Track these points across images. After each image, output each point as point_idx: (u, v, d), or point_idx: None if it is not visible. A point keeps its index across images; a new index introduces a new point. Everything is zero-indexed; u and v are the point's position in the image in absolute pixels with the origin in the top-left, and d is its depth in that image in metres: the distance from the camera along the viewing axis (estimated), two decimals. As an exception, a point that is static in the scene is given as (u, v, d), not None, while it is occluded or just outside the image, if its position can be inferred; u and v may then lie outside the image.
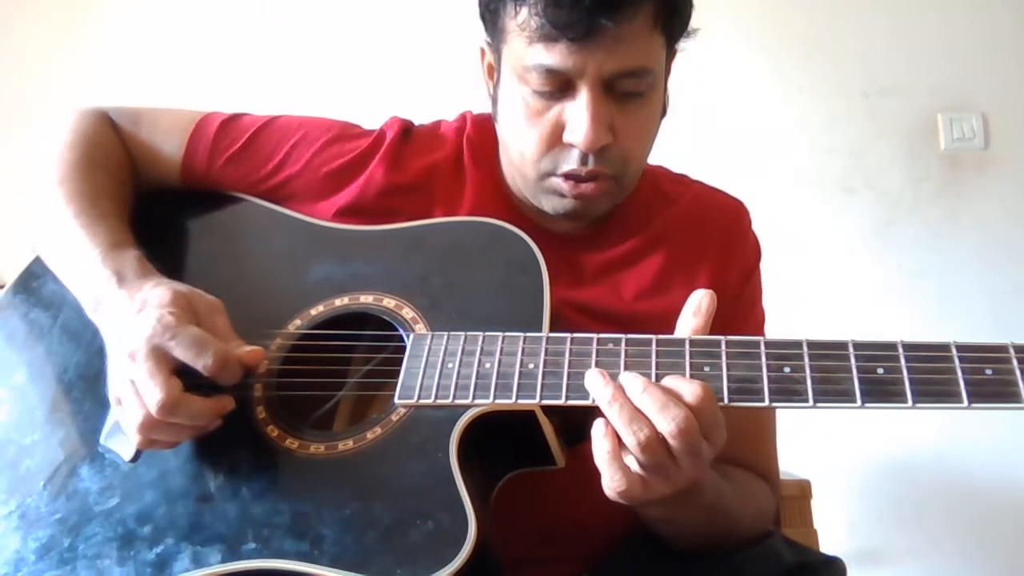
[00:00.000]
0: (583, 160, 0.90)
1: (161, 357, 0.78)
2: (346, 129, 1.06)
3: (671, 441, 0.69)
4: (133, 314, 0.81)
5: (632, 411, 0.70)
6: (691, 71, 2.14)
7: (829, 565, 0.91)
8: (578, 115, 0.88)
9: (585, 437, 0.83)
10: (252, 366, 0.83)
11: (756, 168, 2.20)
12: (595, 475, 0.73)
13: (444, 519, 0.72)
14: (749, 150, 2.23)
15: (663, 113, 0.98)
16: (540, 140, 0.91)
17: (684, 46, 0.98)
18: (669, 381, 0.72)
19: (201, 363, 0.78)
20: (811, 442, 1.76)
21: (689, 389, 0.70)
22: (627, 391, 0.71)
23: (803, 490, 1.52)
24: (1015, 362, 0.66)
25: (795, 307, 2.02)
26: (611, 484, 0.71)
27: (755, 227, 1.09)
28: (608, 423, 0.72)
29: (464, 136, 1.06)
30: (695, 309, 0.77)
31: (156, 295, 0.82)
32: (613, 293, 0.99)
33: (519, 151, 0.94)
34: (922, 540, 2.11)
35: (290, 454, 0.81)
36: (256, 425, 0.84)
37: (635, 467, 0.71)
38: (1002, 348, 0.67)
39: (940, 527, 2.11)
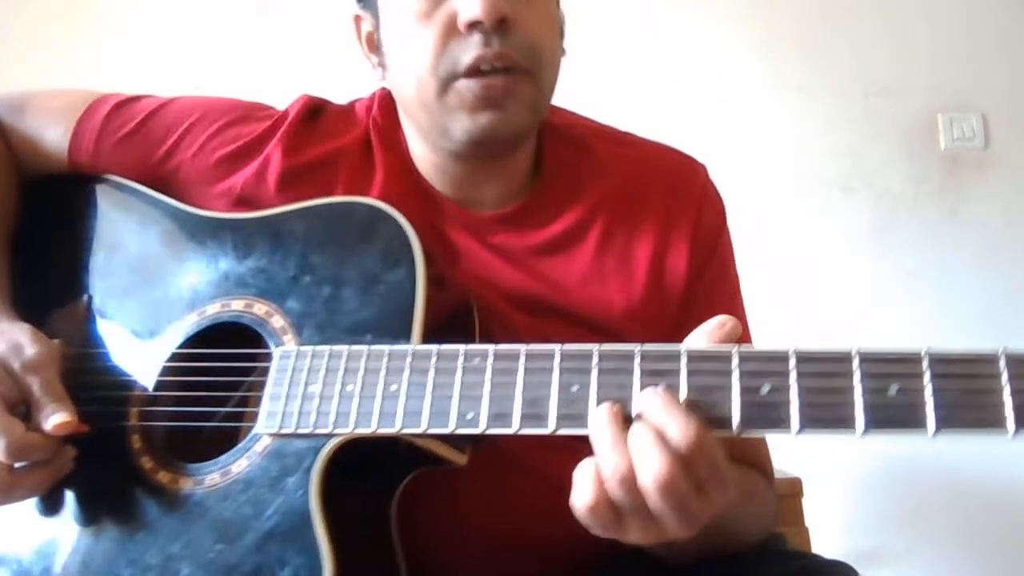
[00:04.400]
0: (486, 42, 0.80)
1: None
2: (251, 111, 0.95)
3: (652, 494, 0.57)
4: None
5: (613, 443, 0.59)
6: (690, 71, 2.17)
7: (836, 567, 0.82)
8: None
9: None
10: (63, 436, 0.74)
11: (755, 169, 2.17)
12: (565, 485, 0.61)
13: (300, 565, 0.65)
14: (748, 150, 2.21)
15: (561, 32, 0.90)
16: (434, 40, 0.82)
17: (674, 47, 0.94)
18: (659, 412, 0.58)
19: None
20: (805, 439, 1.74)
21: (679, 431, 0.57)
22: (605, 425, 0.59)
23: (794, 488, 1.48)
24: (928, 376, 0.53)
25: (794, 307, 2.03)
26: (580, 501, 0.60)
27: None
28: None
29: (370, 117, 0.95)
30: (710, 331, 0.62)
31: None
32: (545, 280, 0.88)
33: (415, 74, 0.84)
34: (921, 540, 2.09)
35: (162, 489, 0.74)
36: (131, 457, 0.77)
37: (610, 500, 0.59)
38: (914, 357, 0.54)
39: (939, 527, 2.08)
